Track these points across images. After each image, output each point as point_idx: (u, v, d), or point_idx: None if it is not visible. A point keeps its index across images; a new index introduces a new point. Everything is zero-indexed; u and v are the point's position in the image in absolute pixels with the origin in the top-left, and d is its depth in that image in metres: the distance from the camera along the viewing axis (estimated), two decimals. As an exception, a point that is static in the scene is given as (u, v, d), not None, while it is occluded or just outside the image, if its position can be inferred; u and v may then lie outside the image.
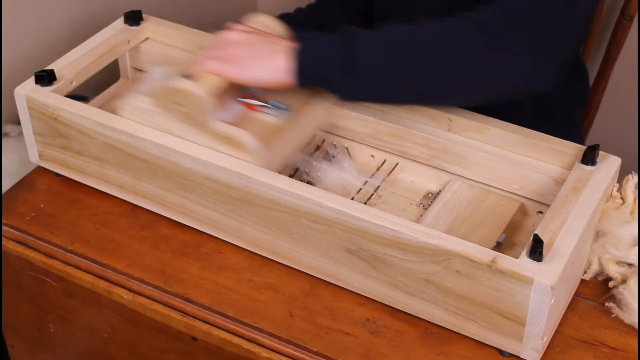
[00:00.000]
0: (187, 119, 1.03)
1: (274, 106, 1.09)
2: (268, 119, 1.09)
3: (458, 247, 0.91)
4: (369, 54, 1.02)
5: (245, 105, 1.10)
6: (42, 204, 1.15)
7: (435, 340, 0.98)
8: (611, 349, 0.97)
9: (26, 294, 1.17)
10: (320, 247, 1.00)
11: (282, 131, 1.07)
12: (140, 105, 1.06)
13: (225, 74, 1.05)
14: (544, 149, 1.06)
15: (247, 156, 1.01)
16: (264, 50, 1.05)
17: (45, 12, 1.34)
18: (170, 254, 1.08)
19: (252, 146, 1.01)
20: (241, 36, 1.07)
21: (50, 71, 1.13)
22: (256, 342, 1.00)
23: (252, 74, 1.05)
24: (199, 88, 1.01)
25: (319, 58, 1.04)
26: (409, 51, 1.02)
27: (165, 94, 1.03)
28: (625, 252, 1.01)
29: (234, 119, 1.07)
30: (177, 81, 1.02)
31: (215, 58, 1.05)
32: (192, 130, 1.03)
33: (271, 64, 1.04)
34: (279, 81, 1.05)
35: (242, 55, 1.05)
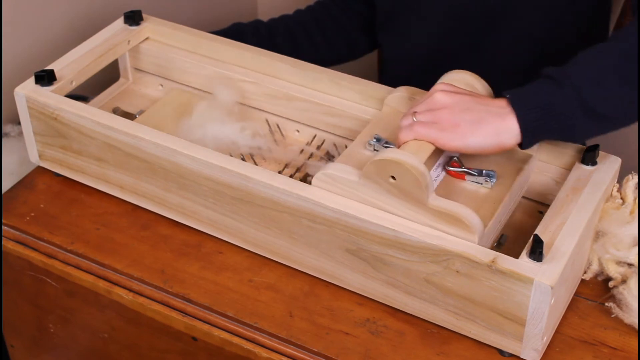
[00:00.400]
0: (400, 193, 0.94)
1: (484, 174, 1.00)
2: (476, 189, 1.00)
3: (458, 247, 0.91)
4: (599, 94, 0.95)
5: (451, 174, 1.02)
6: (42, 204, 1.15)
7: (435, 340, 0.98)
8: (611, 349, 0.97)
9: (26, 294, 1.17)
10: (320, 247, 1.00)
11: (497, 203, 0.98)
12: (340, 176, 0.97)
13: (440, 141, 0.96)
14: (544, 149, 1.06)
15: (470, 235, 0.92)
16: (481, 114, 0.97)
17: (45, 12, 1.34)
18: (170, 254, 1.08)
19: (475, 224, 0.92)
20: (451, 98, 0.98)
21: (50, 71, 1.13)
22: (256, 342, 1.00)
23: (471, 140, 0.96)
24: (418, 161, 0.93)
25: (547, 110, 0.96)
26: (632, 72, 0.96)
27: (377, 165, 0.94)
28: (625, 252, 1.01)
29: (437, 188, 1.00)
30: (393, 153, 0.93)
31: (427, 124, 0.97)
32: (405, 205, 0.94)
33: (491, 129, 0.96)
34: (499, 146, 0.97)
35: (456, 120, 0.96)
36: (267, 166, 1.16)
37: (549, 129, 0.97)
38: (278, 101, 1.18)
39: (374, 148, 1.04)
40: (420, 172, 0.92)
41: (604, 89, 0.96)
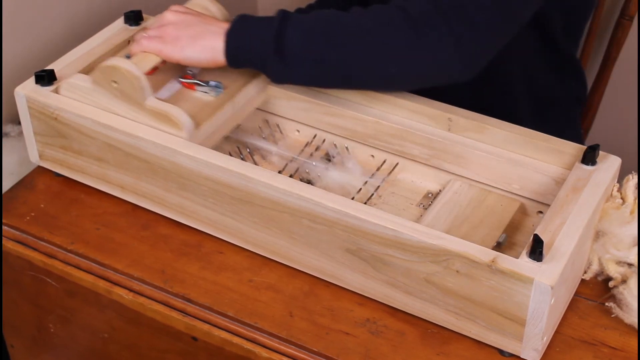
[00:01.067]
0: (124, 96, 1.06)
1: (209, 85, 1.12)
2: (203, 97, 1.12)
3: (458, 247, 0.91)
4: (294, 37, 1.05)
5: (183, 84, 1.13)
6: (42, 204, 1.15)
7: (435, 340, 0.98)
8: (611, 349, 0.97)
9: (26, 294, 1.17)
10: (320, 247, 1.00)
11: (216, 108, 1.10)
12: (79, 84, 1.08)
13: (161, 52, 1.09)
14: (544, 149, 1.06)
15: (179, 132, 1.04)
16: (200, 30, 1.08)
17: (45, 12, 1.34)
18: (171, 254, 1.08)
19: (185, 122, 1.04)
20: (178, 17, 1.10)
21: (50, 71, 1.13)
22: (256, 342, 1.00)
23: (187, 53, 1.08)
24: (134, 66, 1.05)
25: (248, 39, 1.07)
26: (332, 35, 1.05)
27: (102, 72, 1.06)
28: (625, 252, 1.01)
29: (170, 97, 1.11)
30: (113, 60, 1.05)
31: (152, 37, 1.09)
32: (128, 107, 1.06)
33: (205, 44, 1.07)
34: (212, 61, 1.08)
35: (178, 35, 1.08)
36: (267, 166, 1.16)
37: (247, 57, 1.08)
38: (278, 101, 1.18)
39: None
40: (135, 75, 1.04)
41: (300, 33, 1.05)
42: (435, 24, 1.01)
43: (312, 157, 1.16)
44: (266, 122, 1.20)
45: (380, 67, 1.04)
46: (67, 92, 1.10)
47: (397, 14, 1.03)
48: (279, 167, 1.16)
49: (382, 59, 1.04)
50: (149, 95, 1.05)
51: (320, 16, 1.07)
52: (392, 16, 1.03)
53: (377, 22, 1.04)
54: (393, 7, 1.04)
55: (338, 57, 1.05)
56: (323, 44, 1.05)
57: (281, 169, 1.15)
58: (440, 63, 1.03)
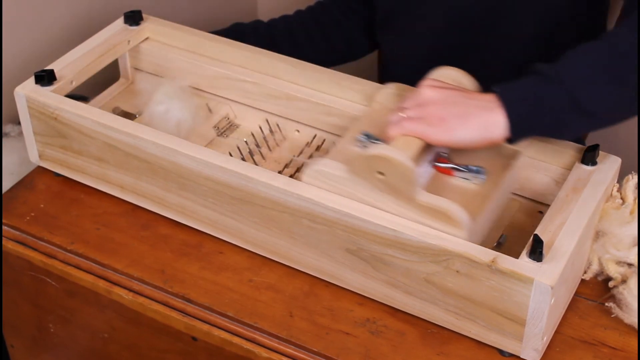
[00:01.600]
0: (388, 188, 0.94)
1: (471, 170, 1.00)
2: (464, 185, 1.00)
3: (458, 247, 0.91)
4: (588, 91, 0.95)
5: (439, 169, 1.01)
6: (42, 204, 1.15)
7: (435, 340, 0.98)
8: (611, 349, 0.97)
9: (26, 294, 1.17)
10: (320, 247, 1.00)
11: (486, 199, 0.98)
12: (329, 172, 0.97)
13: (428, 136, 0.96)
14: (544, 149, 1.06)
15: (457, 231, 0.93)
16: (469, 108, 0.96)
17: (45, 12, 1.34)
18: (170, 254, 1.08)
19: (463, 220, 0.92)
20: (439, 94, 0.98)
21: (50, 71, 1.13)
22: (256, 342, 1.00)
23: (458, 135, 0.96)
24: (406, 157, 0.93)
25: (532, 104, 0.96)
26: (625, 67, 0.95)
27: (366, 161, 0.94)
28: (625, 252, 1.01)
29: (426, 184, 0.99)
30: (380, 149, 0.94)
31: (415, 119, 0.97)
32: (394, 200, 0.95)
33: (478, 123, 0.96)
34: (487, 140, 0.96)
35: (444, 115, 0.96)
36: (267, 166, 1.16)
37: (538, 124, 0.97)
38: (278, 101, 1.18)
39: (363, 145, 1.04)
40: (407, 167, 0.92)
41: (593, 86, 0.95)
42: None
43: (311, 157, 1.16)
44: (266, 122, 1.20)
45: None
46: (311, 180, 0.98)
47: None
48: (279, 167, 1.16)
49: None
50: (420, 189, 0.94)
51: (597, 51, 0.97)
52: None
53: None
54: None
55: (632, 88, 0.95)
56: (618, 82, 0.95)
57: (281, 169, 1.15)
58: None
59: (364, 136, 1.04)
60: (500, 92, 0.97)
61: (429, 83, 1.01)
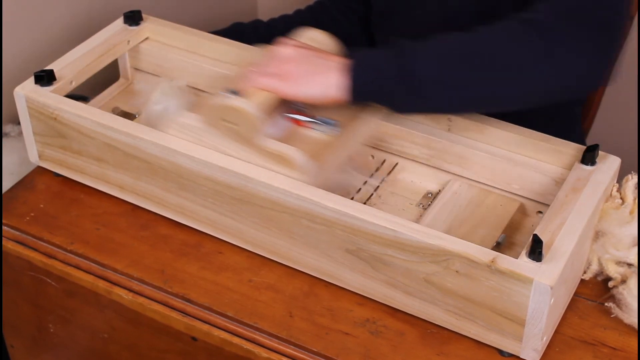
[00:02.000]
0: (237, 136, 1.00)
1: (323, 122, 1.07)
2: (316, 135, 1.07)
3: (458, 247, 0.91)
4: (426, 66, 1.00)
5: (293, 121, 1.08)
6: (42, 204, 1.15)
7: (435, 340, 0.98)
8: (611, 349, 0.97)
9: (26, 294, 1.17)
10: (319, 247, 1.00)
11: (331, 147, 1.05)
12: (187, 123, 1.03)
13: (277, 90, 1.02)
14: (543, 149, 1.06)
15: (296, 173, 0.99)
16: (317, 66, 1.03)
17: (45, 12, 1.34)
18: (170, 254, 1.08)
19: (302, 163, 0.99)
20: (293, 52, 1.04)
21: (50, 71, 1.13)
22: (256, 342, 1.00)
23: (305, 90, 1.02)
24: (251, 105, 0.99)
25: (373, 73, 1.01)
26: (466, 59, 1.00)
27: (215, 111, 1.00)
28: (625, 252, 1.01)
29: (281, 135, 1.05)
30: (228, 98, 1.00)
31: (267, 74, 1.03)
32: (241, 147, 1.01)
33: (324, 80, 1.02)
34: (331, 97, 1.02)
35: (294, 71, 1.03)
36: None
37: (373, 92, 1.03)
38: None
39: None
40: (252, 115, 0.99)
41: (437, 73, 1.00)
42: (565, 32, 0.97)
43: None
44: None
45: (520, 84, 1.00)
46: (175, 132, 1.05)
47: (526, 29, 0.98)
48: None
49: (522, 76, 0.99)
50: (263, 135, 1.00)
51: (447, 41, 1.02)
52: (522, 31, 0.98)
53: (509, 39, 0.99)
54: (518, 22, 0.99)
55: (475, 80, 1.00)
56: (458, 69, 1.00)
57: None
58: (574, 72, 0.99)
59: (229, 92, 1.08)
60: (350, 56, 1.03)
61: (286, 42, 1.06)
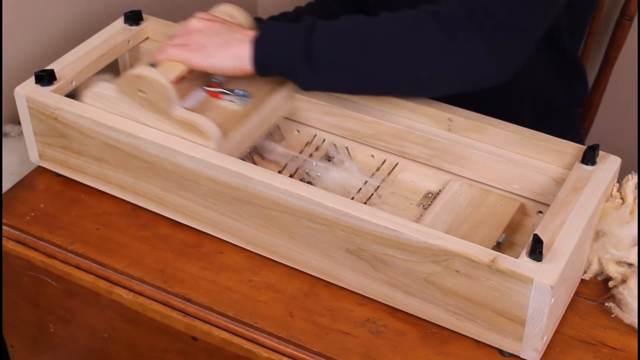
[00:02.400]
0: (150, 106, 1.04)
1: (236, 94, 1.11)
2: (230, 106, 1.11)
3: (458, 247, 0.91)
4: (324, 44, 1.04)
5: (209, 93, 1.13)
6: (42, 204, 1.15)
7: (435, 340, 0.98)
8: (611, 349, 0.97)
9: (26, 294, 1.17)
10: (320, 247, 1.00)
11: (243, 118, 1.09)
12: (103, 92, 1.07)
13: (188, 61, 1.07)
14: (544, 149, 1.06)
15: (207, 142, 1.03)
16: (226, 38, 1.07)
17: (45, 12, 1.34)
18: (170, 254, 1.08)
19: (212, 132, 1.03)
20: (204, 24, 1.09)
21: (50, 71, 1.13)
22: (256, 342, 1.00)
23: (214, 61, 1.07)
24: (161, 75, 1.03)
25: (277, 47, 1.06)
26: (362, 41, 1.04)
27: (128, 81, 1.04)
28: (625, 252, 1.01)
29: (197, 107, 1.10)
30: (139, 69, 1.04)
31: (179, 46, 1.08)
32: (155, 117, 1.05)
33: (232, 52, 1.06)
34: (239, 69, 1.07)
35: (204, 42, 1.07)
36: (267, 166, 1.16)
37: (276, 66, 1.06)
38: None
39: None
40: (161, 84, 1.02)
41: (331, 42, 1.04)
42: (467, 27, 1.00)
43: (311, 157, 1.16)
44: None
45: (412, 72, 1.03)
46: (91, 101, 1.09)
47: (428, 19, 1.01)
48: (279, 167, 1.16)
49: (413, 64, 1.02)
50: (176, 105, 1.04)
51: (349, 22, 1.06)
52: (423, 21, 1.02)
53: (408, 26, 1.02)
54: (423, 12, 1.03)
55: (368, 63, 1.03)
56: (353, 50, 1.03)
57: (281, 169, 1.15)
58: (473, 66, 1.02)
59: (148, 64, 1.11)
60: (260, 28, 1.08)
61: (198, 15, 1.10)
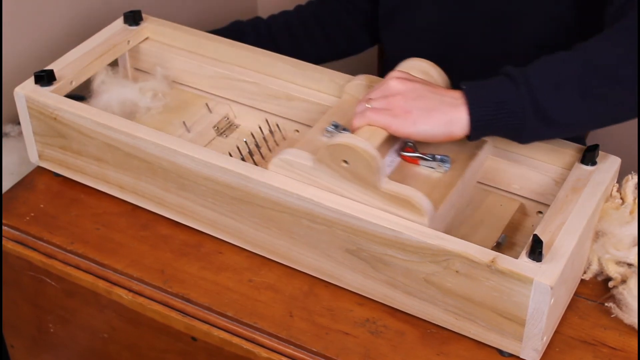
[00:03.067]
0: (353, 177, 0.96)
1: (437, 159, 1.03)
2: (432, 174, 1.03)
3: (458, 247, 0.91)
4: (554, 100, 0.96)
5: (405, 159, 1.04)
6: (42, 204, 1.15)
7: (435, 340, 0.98)
8: (611, 349, 0.97)
9: (26, 294, 1.17)
10: (320, 247, 1.00)
11: (449, 187, 1.01)
12: (296, 161, 0.99)
13: (390, 127, 0.99)
14: (544, 149, 1.06)
15: (420, 218, 0.94)
16: (434, 103, 0.99)
17: (45, 12, 1.34)
18: (170, 254, 1.08)
19: (426, 207, 0.94)
20: (405, 86, 1.00)
21: (50, 71, 1.13)
22: (256, 342, 1.00)
23: (421, 128, 0.98)
24: (369, 145, 0.95)
25: (496, 107, 0.97)
26: (593, 85, 0.96)
27: (330, 150, 0.96)
28: (625, 252, 1.01)
29: (392, 173, 1.02)
30: (344, 137, 0.96)
31: (380, 110, 1.00)
32: (358, 189, 0.97)
33: (443, 118, 0.98)
34: (448, 135, 0.98)
35: (409, 107, 0.98)
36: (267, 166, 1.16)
37: (498, 126, 0.98)
38: (278, 101, 1.18)
39: (330, 134, 1.05)
40: (371, 155, 0.94)
41: (560, 95, 0.96)
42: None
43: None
44: (266, 122, 1.20)
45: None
46: (278, 169, 1.00)
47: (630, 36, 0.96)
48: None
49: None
50: (384, 177, 0.96)
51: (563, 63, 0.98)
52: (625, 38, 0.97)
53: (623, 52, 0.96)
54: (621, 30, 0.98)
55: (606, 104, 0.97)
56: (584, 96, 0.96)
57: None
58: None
59: (333, 126, 1.06)
60: (466, 90, 0.99)
61: (396, 75, 1.02)
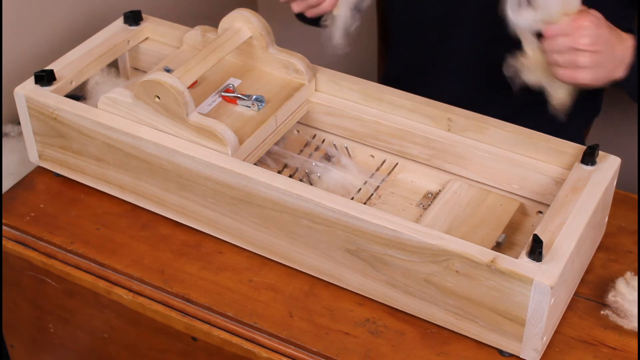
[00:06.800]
0: (166, 111, 1.04)
1: (252, 99, 1.11)
2: (246, 112, 1.10)
3: (458, 247, 0.91)
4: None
5: (225, 98, 1.12)
6: (42, 204, 1.15)
7: (435, 340, 0.98)
8: (611, 349, 0.97)
9: (26, 294, 1.17)
10: (320, 247, 1.00)
11: (260, 123, 1.09)
12: (118, 98, 1.07)
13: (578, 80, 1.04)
14: (544, 149, 1.06)
15: (223, 148, 1.02)
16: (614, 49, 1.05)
17: (45, 12, 1.34)
18: (170, 254, 1.08)
19: (229, 138, 1.02)
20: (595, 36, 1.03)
21: (50, 71, 1.13)
22: (256, 342, 1.00)
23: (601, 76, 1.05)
24: (178, 81, 1.03)
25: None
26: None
27: (145, 86, 1.04)
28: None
29: (210, 111, 1.10)
30: (156, 74, 1.03)
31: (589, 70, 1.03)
32: (171, 122, 1.04)
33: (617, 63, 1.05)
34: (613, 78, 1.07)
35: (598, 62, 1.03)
36: (267, 166, 1.16)
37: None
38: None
39: None
40: (178, 90, 1.02)
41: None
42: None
43: (311, 157, 1.16)
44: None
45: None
46: (105, 107, 1.08)
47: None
48: (279, 167, 1.16)
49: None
50: (193, 111, 1.04)
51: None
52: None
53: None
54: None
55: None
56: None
57: (281, 169, 1.15)
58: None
59: (164, 69, 1.13)
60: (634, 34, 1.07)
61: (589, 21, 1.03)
